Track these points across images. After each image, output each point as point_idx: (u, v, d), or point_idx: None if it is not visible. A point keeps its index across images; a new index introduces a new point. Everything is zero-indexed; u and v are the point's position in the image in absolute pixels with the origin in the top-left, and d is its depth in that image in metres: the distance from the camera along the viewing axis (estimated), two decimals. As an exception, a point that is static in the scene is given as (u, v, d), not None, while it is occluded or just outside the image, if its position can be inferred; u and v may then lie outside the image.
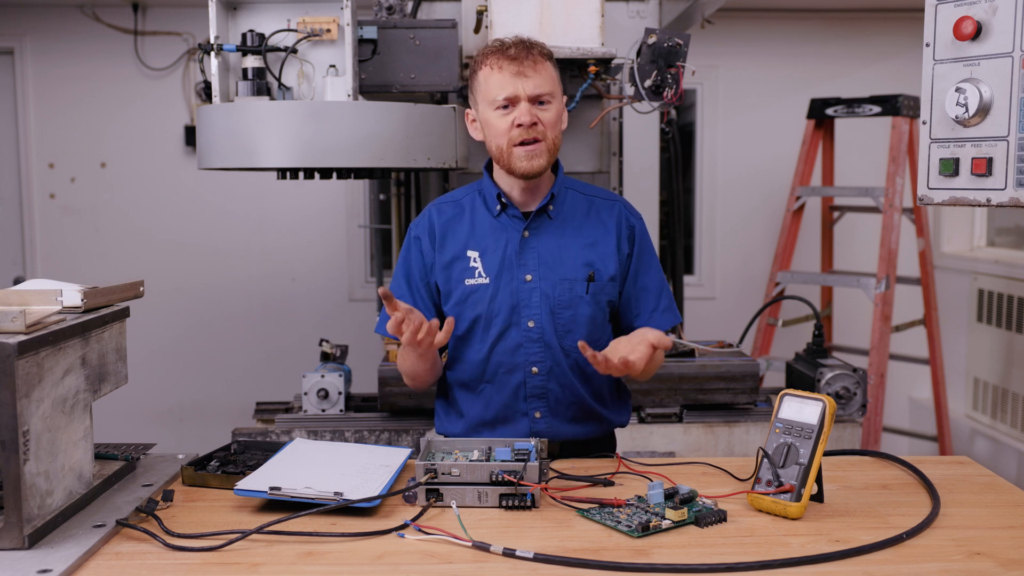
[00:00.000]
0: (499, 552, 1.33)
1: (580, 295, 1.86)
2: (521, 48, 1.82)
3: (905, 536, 1.39)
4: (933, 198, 1.50)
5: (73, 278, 1.69)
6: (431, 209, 1.97)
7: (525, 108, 1.81)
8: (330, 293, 5.05)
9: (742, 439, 2.87)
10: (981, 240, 5.08)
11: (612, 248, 1.90)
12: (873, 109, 4.24)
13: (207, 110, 2.54)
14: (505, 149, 1.83)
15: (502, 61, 1.81)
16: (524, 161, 1.82)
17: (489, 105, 1.83)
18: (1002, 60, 1.38)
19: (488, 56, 1.84)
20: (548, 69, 1.84)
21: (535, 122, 1.80)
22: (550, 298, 1.86)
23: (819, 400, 1.50)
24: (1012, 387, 4.40)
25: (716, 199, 5.11)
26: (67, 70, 4.91)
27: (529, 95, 1.80)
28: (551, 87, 1.84)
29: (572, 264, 1.87)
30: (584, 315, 1.86)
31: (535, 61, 1.82)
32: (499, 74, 1.81)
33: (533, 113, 1.81)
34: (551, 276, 1.86)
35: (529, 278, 1.86)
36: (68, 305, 1.49)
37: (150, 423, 4.94)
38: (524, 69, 1.80)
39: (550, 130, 1.83)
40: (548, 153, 1.84)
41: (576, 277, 1.87)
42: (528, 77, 1.80)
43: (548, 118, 1.83)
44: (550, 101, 1.83)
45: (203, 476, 1.66)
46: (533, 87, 1.80)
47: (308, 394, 2.85)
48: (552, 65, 1.87)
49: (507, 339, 1.87)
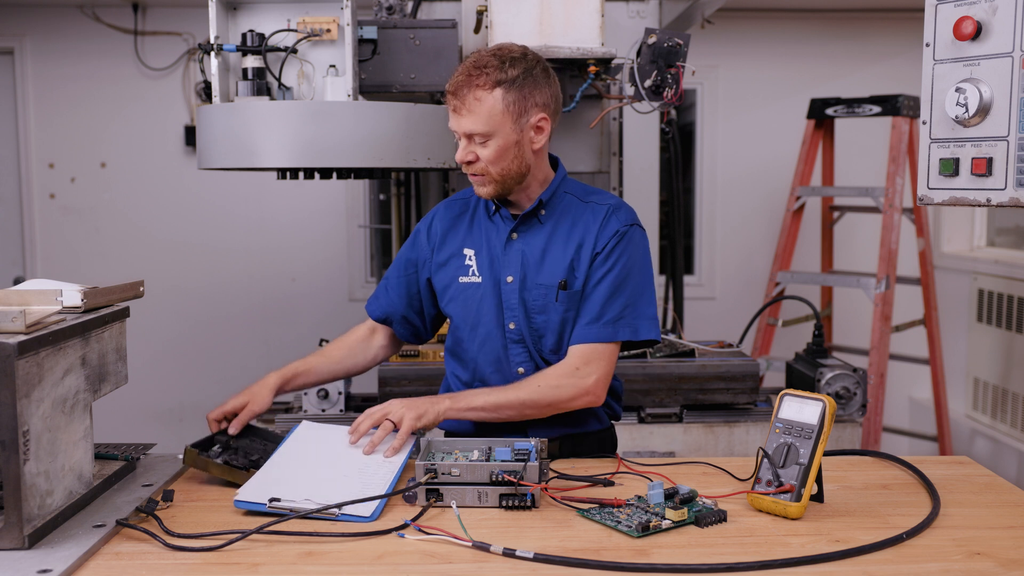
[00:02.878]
0: (499, 552, 1.33)
1: (551, 301, 1.84)
2: (462, 81, 1.75)
3: (905, 536, 1.39)
4: (933, 198, 1.50)
5: (73, 278, 1.69)
6: (441, 205, 2.01)
7: (463, 145, 1.79)
8: (330, 293, 5.05)
9: (742, 439, 2.87)
10: (981, 240, 5.08)
11: (589, 253, 1.85)
12: (873, 109, 4.24)
13: (207, 110, 2.54)
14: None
15: (450, 87, 1.77)
16: (476, 187, 1.84)
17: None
18: (1002, 60, 1.38)
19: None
20: (488, 103, 1.73)
21: (471, 160, 1.78)
22: (526, 301, 1.86)
23: (819, 400, 1.50)
24: (1012, 387, 4.39)
25: (716, 199, 5.11)
26: (67, 70, 4.91)
27: (463, 132, 1.77)
28: (485, 126, 1.74)
29: (552, 269, 1.85)
30: (554, 321, 1.84)
31: (475, 97, 1.73)
32: (449, 101, 1.78)
33: (469, 151, 1.78)
34: (530, 279, 1.86)
35: (510, 279, 1.86)
36: (68, 305, 1.49)
37: (150, 423, 4.94)
38: (460, 106, 1.75)
39: (492, 165, 1.78)
40: (495, 183, 1.81)
41: (552, 283, 1.84)
42: (461, 116, 1.76)
43: (486, 155, 1.77)
44: (488, 138, 1.76)
45: (204, 461, 1.66)
46: (466, 126, 1.76)
47: (308, 394, 2.85)
48: (502, 93, 1.73)
49: (494, 339, 1.88)
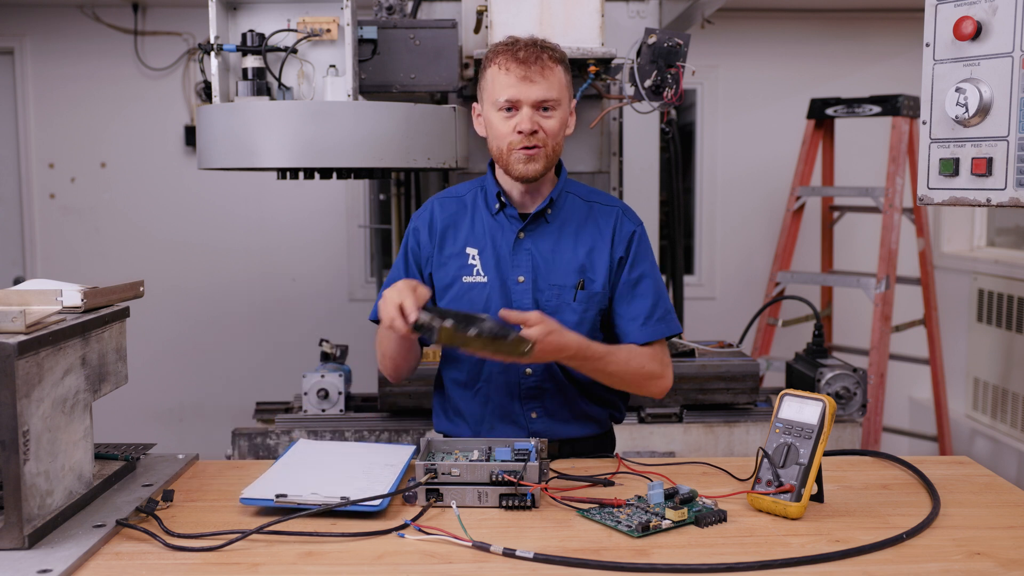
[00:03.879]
0: (499, 552, 1.33)
1: (567, 301, 1.85)
2: (531, 51, 1.78)
3: (905, 536, 1.39)
4: (933, 198, 1.50)
5: (73, 278, 1.69)
6: (433, 202, 1.97)
7: (527, 115, 1.78)
8: (330, 293, 5.05)
9: (742, 439, 2.87)
10: (981, 240, 5.08)
11: (606, 256, 1.88)
12: (873, 109, 4.24)
13: (207, 110, 2.54)
14: (504, 151, 1.82)
15: (510, 63, 1.78)
16: (521, 164, 1.81)
17: (493, 105, 1.82)
18: (1002, 60, 1.38)
19: (498, 54, 1.81)
20: (557, 74, 1.80)
21: (535, 130, 1.79)
22: (539, 301, 1.85)
23: (819, 400, 1.50)
24: (1012, 387, 4.39)
25: (716, 199, 5.11)
26: (67, 70, 4.91)
27: (533, 101, 1.78)
28: (557, 93, 1.80)
29: (564, 269, 1.86)
30: (570, 321, 1.83)
31: (543, 66, 1.78)
32: (505, 76, 1.78)
33: (535, 120, 1.79)
34: (542, 280, 1.86)
35: (521, 279, 1.86)
36: (68, 305, 1.49)
37: (150, 423, 4.94)
38: (531, 74, 1.77)
39: (551, 138, 1.81)
40: (547, 159, 1.82)
41: (566, 283, 1.86)
42: (534, 83, 1.77)
43: (550, 126, 1.80)
44: (555, 108, 1.80)
45: (463, 337, 1.57)
46: (538, 93, 1.78)
47: (308, 394, 2.85)
48: (563, 69, 1.82)
49: None
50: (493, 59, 1.82)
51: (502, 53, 1.80)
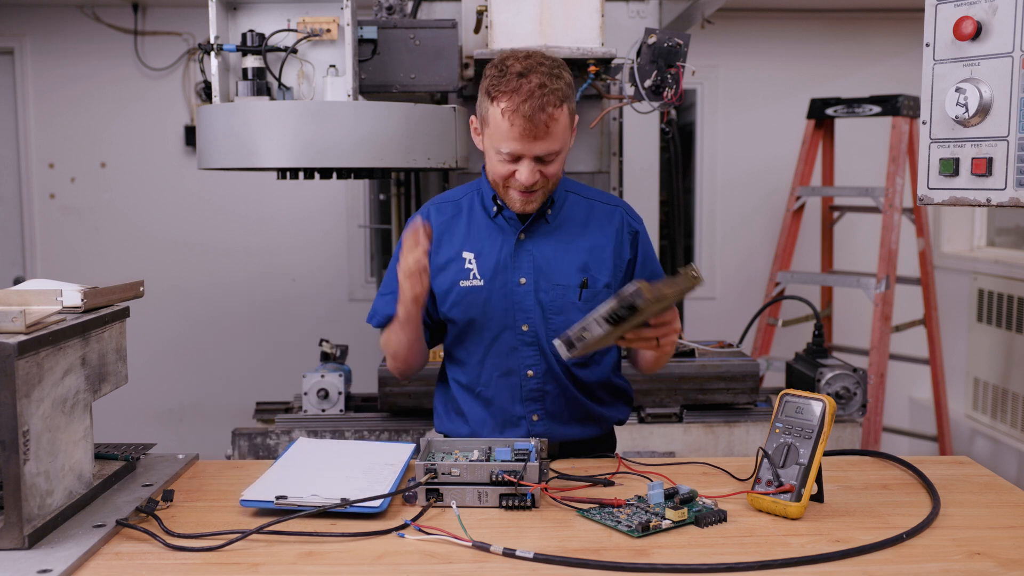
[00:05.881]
0: (499, 552, 1.33)
1: (572, 301, 1.85)
2: (537, 104, 1.69)
3: (905, 536, 1.39)
4: (933, 198, 1.50)
5: (73, 278, 1.69)
6: (429, 208, 1.96)
7: (528, 168, 1.74)
8: (330, 293, 5.05)
9: (742, 439, 2.87)
10: (981, 240, 5.08)
11: (609, 255, 1.88)
12: (873, 109, 4.24)
13: (207, 110, 2.54)
14: (501, 185, 1.81)
15: (515, 117, 1.70)
16: (518, 204, 1.81)
17: (493, 146, 1.77)
18: (1002, 60, 1.38)
19: (503, 97, 1.71)
20: (562, 121, 1.73)
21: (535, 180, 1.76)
22: (543, 302, 1.85)
23: (819, 400, 1.51)
24: (1012, 387, 4.39)
25: (716, 199, 5.11)
26: (67, 70, 4.91)
27: (535, 155, 1.74)
28: (560, 144, 1.75)
29: (567, 269, 1.86)
30: (575, 321, 1.83)
31: (548, 118, 1.70)
32: (509, 129, 1.71)
33: (535, 171, 1.75)
34: (545, 280, 1.85)
35: (523, 281, 1.85)
36: (68, 305, 1.49)
37: (150, 423, 4.94)
38: (536, 130, 1.70)
39: (552, 179, 1.80)
40: (545, 195, 1.82)
41: (570, 283, 1.85)
42: (538, 140, 1.71)
43: (551, 171, 1.77)
44: (557, 154, 1.76)
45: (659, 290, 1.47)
46: (541, 149, 1.73)
47: (308, 394, 2.85)
48: (567, 109, 1.75)
49: (502, 342, 1.87)
50: (498, 97, 1.72)
51: (507, 98, 1.71)
